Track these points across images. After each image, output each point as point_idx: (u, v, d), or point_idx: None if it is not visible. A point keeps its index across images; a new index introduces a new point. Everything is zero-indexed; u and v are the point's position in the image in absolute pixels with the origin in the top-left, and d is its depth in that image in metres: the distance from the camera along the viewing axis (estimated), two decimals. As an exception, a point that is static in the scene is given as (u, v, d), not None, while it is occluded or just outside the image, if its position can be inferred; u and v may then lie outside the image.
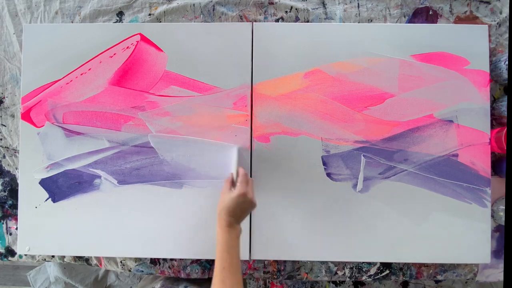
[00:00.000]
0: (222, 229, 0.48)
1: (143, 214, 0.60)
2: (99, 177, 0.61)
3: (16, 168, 0.65)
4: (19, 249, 0.62)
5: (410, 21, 0.63)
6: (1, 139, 0.66)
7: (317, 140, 0.60)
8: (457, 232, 0.59)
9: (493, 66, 0.60)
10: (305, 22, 0.64)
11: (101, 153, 0.61)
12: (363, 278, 0.62)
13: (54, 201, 0.61)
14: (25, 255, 0.64)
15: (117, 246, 0.61)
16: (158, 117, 0.61)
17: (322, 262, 0.62)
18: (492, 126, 0.60)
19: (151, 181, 0.60)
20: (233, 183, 0.51)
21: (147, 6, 0.64)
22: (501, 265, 0.61)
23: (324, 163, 0.60)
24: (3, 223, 0.66)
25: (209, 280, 0.65)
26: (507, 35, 0.62)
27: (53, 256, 0.64)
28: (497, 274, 0.61)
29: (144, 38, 0.61)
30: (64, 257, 0.64)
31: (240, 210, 0.49)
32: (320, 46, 0.60)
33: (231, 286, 0.44)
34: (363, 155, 0.59)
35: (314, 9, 0.63)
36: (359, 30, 0.60)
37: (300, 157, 0.60)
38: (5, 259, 0.66)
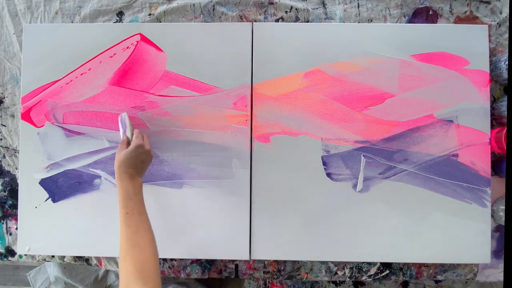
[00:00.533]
0: (124, 180, 0.48)
1: (143, 214, 0.60)
2: (99, 177, 0.61)
3: (16, 168, 0.65)
4: (19, 249, 0.62)
5: (410, 21, 0.63)
6: (1, 139, 0.66)
7: (317, 140, 0.60)
8: (457, 232, 0.59)
9: (493, 66, 0.60)
10: (305, 22, 0.64)
11: (101, 153, 0.61)
12: (363, 278, 0.62)
13: (54, 201, 0.61)
14: (25, 255, 0.64)
15: (117, 246, 0.60)
16: (158, 117, 0.61)
17: (322, 262, 0.62)
18: (492, 126, 0.60)
19: (151, 181, 0.60)
20: (128, 144, 0.52)
21: (147, 6, 0.64)
22: (501, 265, 0.61)
23: (324, 163, 0.60)
24: (3, 223, 0.66)
25: (211, 280, 0.66)
26: (507, 35, 0.62)
27: (53, 256, 0.64)
28: (497, 274, 0.61)
29: (144, 38, 0.61)
30: (64, 257, 0.64)
31: (140, 161, 0.50)
32: (320, 46, 0.60)
33: (136, 227, 0.46)
34: (363, 155, 0.59)
35: (314, 9, 0.63)
36: (359, 30, 0.60)
37: (300, 157, 0.60)
38: (5, 259, 0.66)
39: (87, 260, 0.65)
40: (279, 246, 0.60)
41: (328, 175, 0.60)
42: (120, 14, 0.65)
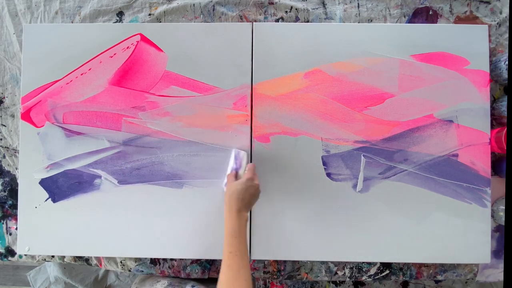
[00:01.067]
0: (231, 214, 0.48)
1: (143, 214, 0.60)
2: (100, 177, 0.61)
3: (16, 168, 0.65)
4: (19, 249, 0.62)
5: (410, 21, 0.63)
6: (1, 139, 0.66)
7: (317, 140, 0.60)
8: (457, 232, 0.59)
9: (493, 66, 0.60)
10: (305, 22, 0.64)
11: (102, 153, 0.61)
12: (363, 278, 0.62)
13: (54, 201, 0.61)
14: (25, 255, 0.64)
15: (117, 246, 0.61)
16: (159, 117, 0.61)
17: (322, 262, 0.62)
18: (492, 126, 0.60)
19: (152, 181, 0.60)
20: (236, 177, 0.53)
21: (147, 6, 0.64)
22: (501, 265, 0.61)
23: (324, 163, 0.60)
24: (3, 223, 0.66)
25: (213, 279, 0.66)
26: (507, 35, 0.62)
27: (53, 256, 0.64)
28: (497, 274, 0.61)
29: (144, 38, 0.61)
30: (64, 257, 0.64)
31: (249, 195, 0.50)
32: (320, 46, 0.60)
33: (237, 271, 0.43)
34: (363, 155, 0.59)
35: (314, 9, 0.63)
36: (359, 30, 0.60)
37: (300, 157, 0.60)
38: (5, 259, 0.66)
39: (87, 260, 0.65)
40: (279, 246, 0.60)
41: (328, 175, 0.60)
42: (120, 14, 0.65)
